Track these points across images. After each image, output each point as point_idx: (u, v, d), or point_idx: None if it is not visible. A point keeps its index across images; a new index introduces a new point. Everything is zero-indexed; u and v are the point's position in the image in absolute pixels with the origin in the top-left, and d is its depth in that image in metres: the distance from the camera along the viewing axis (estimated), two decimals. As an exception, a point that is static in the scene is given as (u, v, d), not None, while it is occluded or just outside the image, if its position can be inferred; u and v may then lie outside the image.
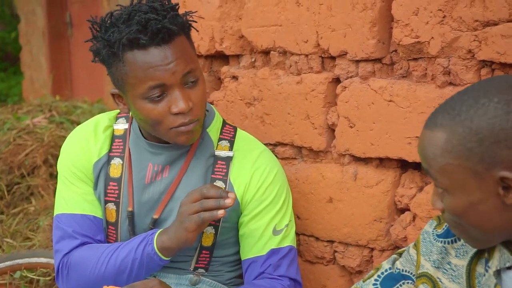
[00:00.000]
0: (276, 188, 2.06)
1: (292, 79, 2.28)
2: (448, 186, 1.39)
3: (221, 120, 2.15)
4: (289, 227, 2.08)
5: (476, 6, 1.82)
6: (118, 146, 2.09)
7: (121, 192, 2.05)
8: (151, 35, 1.88)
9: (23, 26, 8.67)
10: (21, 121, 4.53)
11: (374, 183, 2.11)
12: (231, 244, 2.09)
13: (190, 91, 1.94)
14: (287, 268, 2.05)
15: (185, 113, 1.92)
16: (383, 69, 2.09)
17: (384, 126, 2.05)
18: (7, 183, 4.03)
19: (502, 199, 1.34)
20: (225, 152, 2.07)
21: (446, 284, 1.55)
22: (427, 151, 1.41)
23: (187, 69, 1.91)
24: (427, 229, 1.62)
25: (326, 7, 2.15)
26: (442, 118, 1.39)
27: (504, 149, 1.32)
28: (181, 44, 1.93)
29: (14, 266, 2.62)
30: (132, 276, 1.96)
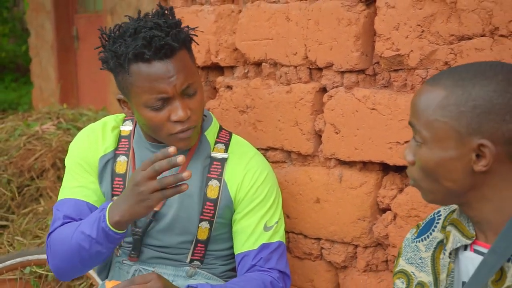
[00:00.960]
0: (266, 188, 2.07)
1: (282, 89, 2.28)
2: (429, 140, 1.39)
3: (218, 125, 2.16)
4: (279, 224, 2.09)
5: (452, 22, 1.83)
6: (124, 145, 2.10)
7: (126, 186, 2.03)
8: (155, 50, 1.88)
9: (33, 39, 8.65)
10: (31, 127, 4.52)
11: (358, 185, 2.11)
12: (225, 239, 2.10)
13: (189, 100, 1.95)
14: (277, 261, 2.06)
15: (184, 121, 1.93)
16: (366, 80, 2.09)
17: (367, 132, 2.05)
18: (18, 185, 4.02)
19: (472, 165, 1.36)
20: (220, 154, 2.08)
21: (417, 275, 1.56)
22: (421, 102, 1.41)
23: (186, 83, 1.93)
24: (408, 236, 1.63)
25: (314, 22, 2.15)
26: (446, 79, 1.39)
27: (491, 121, 1.33)
28: (182, 58, 1.94)
29: (24, 262, 2.61)
30: (93, 251, 1.90)
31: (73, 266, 1.98)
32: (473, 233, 1.46)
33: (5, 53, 11.28)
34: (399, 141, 1.96)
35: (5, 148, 4.24)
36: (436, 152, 1.39)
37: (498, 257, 1.34)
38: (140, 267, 2.07)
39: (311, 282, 2.30)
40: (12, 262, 2.60)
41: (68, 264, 1.98)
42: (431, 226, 1.57)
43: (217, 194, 2.04)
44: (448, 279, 1.48)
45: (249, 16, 2.34)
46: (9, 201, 3.94)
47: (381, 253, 2.12)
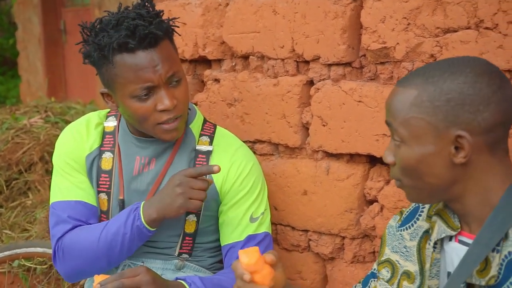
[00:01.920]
0: (252, 179, 2.07)
1: (270, 82, 2.27)
2: (407, 138, 1.41)
3: (202, 117, 2.16)
4: (265, 215, 2.09)
5: (438, 15, 1.83)
6: (108, 141, 2.09)
7: (112, 183, 2.05)
8: (139, 39, 1.89)
9: (20, 33, 8.60)
10: (19, 121, 4.49)
11: (345, 177, 2.11)
12: (212, 232, 2.10)
13: (174, 90, 1.95)
14: (263, 252, 2.05)
15: (170, 110, 1.93)
16: (353, 72, 2.09)
17: (354, 124, 2.05)
18: (6, 178, 4.00)
19: (451, 158, 1.38)
20: (205, 146, 2.08)
21: (402, 264, 1.57)
22: (395, 103, 1.43)
23: (171, 71, 1.93)
24: (391, 223, 1.65)
25: (301, 15, 2.15)
26: (415, 79, 1.42)
27: (466, 112, 1.36)
28: (166, 47, 1.95)
29: (12, 256, 2.60)
30: (124, 249, 1.96)
31: (93, 268, 2.00)
32: (458, 225, 1.47)
33: (-7, 46, 11.20)
34: (386, 133, 1.96)
35: (-7, 141, 4.21)
36: (416, 149, 1.40)
37: (482, 247, 1.35)
38: (129, 262, 2.06)
39: (299, 273, 2.30)
40: (0, 256, 2.59)
41: (91, 267, 2.00)
42: (415, 215, 1.58)
43: None
44: (434, 269, 1.49)
45: (236, 9, 2.34)
46: (-3, 194, 3.92)
47: (368, 244, 2.12)
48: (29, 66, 8.49)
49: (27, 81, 8.51)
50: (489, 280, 1.33)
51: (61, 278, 3.13)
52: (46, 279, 3.12)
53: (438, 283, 1.49)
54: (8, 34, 10.89)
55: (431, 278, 1.49)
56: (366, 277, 1.71)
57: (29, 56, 8.47)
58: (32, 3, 8.24)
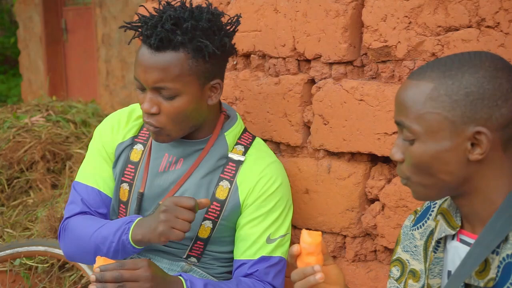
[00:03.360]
0: (276, 198, 2.02)
1: (271, 80, 2.27)
2: (421, 134, 1.36)
3: (242, 127, 2.11)
4: (285, 239, 2.04)
5: (439, 13, 1.83)
6: (144, 134, 2.09)
7: (136, 175, 2.05)
8: (145, 35, 1.88)
9: (22, 32, 8.61)
10: (20, 120, 4.49)
11: (346, 176, 2.11)
12: (227, 243, 2.06)
13: (163, 100, 1.89)
14: (274, 277, 2.02)
15: (149, 114, 1.90)
16: (354, 71, 2.09)
17: (356, 123, 2.05)
18: (8, 177, 4.00)
19: (467, 155, 1.34)
20: (238, 155, 2.03)
21: (411, 262, 1.57)
22: (408, 98, 1.37)
23: (161, 84, 1.87)
24: (406, 223, 1.62)
25: (302, 14, 2.15)
26: (431, 72, 1.37)
27: (485, 107, 1.32)
28: (171, 60, 1.86)
29: (14, 254, 2.60)
30: (109, 255, 1.95)
31: (85, 259, 2.05)
32: (458, 223, 1.46)
33: (-6, 45, 11.22)
34: (387, 132, 1.96)
35: (-6, 140, 4.22)
36: (430, 145, 1.36)
37: (483, 249, 1.34)
38: (136, 255, 2.04)
39: (300, 272, 2.30)
40: (2, 254, 2.59)
41: (82, 255, 2.05)
42: (426, 214, 1.57)
43: (226, 195, 1.99)
44: (437, 268, 1.48)
45: (238, 8, 2.34)
46: (-1, 193, 3.93)
47: (370, 243, 2.12)
48: (30, 65, 8.50)
49: (28, 80, 8.52)
50: (488, 282, 1.32)
51: (62, 277, 3.13)
52: (48, 278, 3.13)
53: (441, 282, 1.48)
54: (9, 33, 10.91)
55: (433, 277, 1.49)
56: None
57: (30, 55, 8.47)
58: (33, 2, 8.24)
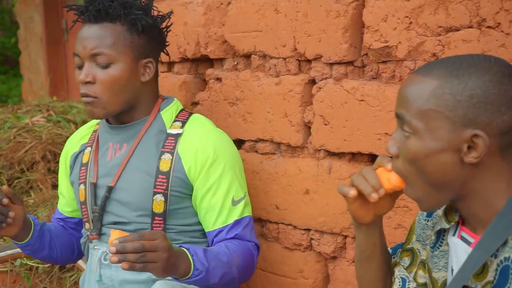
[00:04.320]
0: (222, 162, 2.07)
1: (271, 81, 2.27)
2: (420, 129, 1.35)
3: (179, 107, 2.19)
4: (246, 198, 2.11)
5: (440, 14, 1.83)
6: (92, 137, 2.22)
7: (88, 172, 2.15)
8: (82, 10, 2.05)
9: (22, 32, 8.60)
10: (21, 120, 4.49)
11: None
12: (186, 215, 2.10)
13: (98, 70, 2.03)
14: (250, 234, 2.10)
15: (85, 85, 2.04)
16: (355, 71, 2.09)
17: (356, 123, 2.05)
18: (8, 177, 4.00)
19: (462, 156, 1.33)
20: (176, 129, 2.11)
21: (421, 253, 1.56)
22: (412, 92, 1.36)
23: (96, 50, 2.03)
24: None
25: (303, 14, 2.15)
26: (438, 69, 1.35)
27: (487, 112, 1.31)
28: (107, 30, 2.04)
29: (14, 255, 2.60)
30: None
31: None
32: (455, 218, 1.46)
33: (-6, 45, 11.21)
34: (388, 132, 1.96)
35: (-5, 140, 4.22)
36: (427, 142, 1.35)
37: (483, 252, 1.33)
38: (107, 249, 2.07)
39: (300, 272, 2.30)
40: (3, 255, 2.59)
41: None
42: None
43: (169, 166, 2.06)
44: (442, 261, 1.47)
45: (238, 8, 2.34)
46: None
47: (370, 243, 2.12)
48: (31, 65, 8.49)
49: (29, 80, 8.51)
50: (485, 285, 1.32)
51: (63, 277, 3.13)
52: (48, 278, 3.13)
53: (446, 275, 1.47)
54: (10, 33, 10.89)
55: (438, 270, 1.48)
56: (397, 245, 1.67)
57: (31, 55, 8.46)
58: (34, 2, 8.23)
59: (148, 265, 1.75)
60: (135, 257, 1.72)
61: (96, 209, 2.10)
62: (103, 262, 2.09)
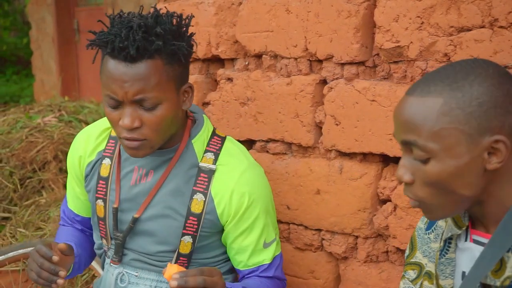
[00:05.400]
0: (257, 207, 1.98)
1: (283, 81, 2.27)
2: (437, 152, 1.32)
3: (211, 130, 2.04)
4: (277, 238, 2.05)
5: (452, 13, 1.82)
6: (110, 147, 2.06)
7: (108, 190, 2.02)
8: (117, 49, 1.79)
9: (34, 32, 8.64)
10: (33, 120, 4.52)
11: (358, 176, 2.11)
12: (212, 248, 2.03)
13: (143, 112, 1.83)
14: (281, 273, 2.07)
15: (131, 130, 1.83)
16: (366, 71, 2.09)
17: (367, 123, 2.05)
18: (20, 177, 4.02)
19: (484, 165, 1.31)
20: (208, 165, 1.97)
21: (428, 265, 1.56)
22: (417, 116, 1.32)
23: (141, 95, 1.80)
24: (420, 225, 1.61)
25: (314, 14, 2.15)
26: (435, 86, 1.32)
27: (498, 115, 1.29)
28: (149, 68, 1.79)
29: (26, 254, 2.61)
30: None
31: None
32: (466, 223, 1.45)
33: (6, 46, 11.27)
34: (399, 132, 1.96)
35: (7, 140, 4.24)
36: (448, 162, 1.31)
37: (497, 248, 1.33)
38: (124, 270, 2.03)
39: (312, 273, 2.30)
40: (15, 254, 2.60)
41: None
42: None
43: (201, 208, 1.95)
44: (448, 268, 1.48)
45: (250, 8, 2.34)
46: (12, 193, 3.95)
47: (382, 244, 2.12)
48: (42, 66, 8.53)
49: (41, 80, 8.55)
50: (504, 280, 1.32)
51: (75, 277, 3.14)
52: (60, 277, 3.13)
53: (453, 283, 1.48)
54: (22, 34, 10.96)
55: (445, 277, 1.48)
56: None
57: (43, 55, 8.50)
58: (45, 3, 8.27)
59: None
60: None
61: (119, 236, 2.00)
62: (119, 284, 2.03)
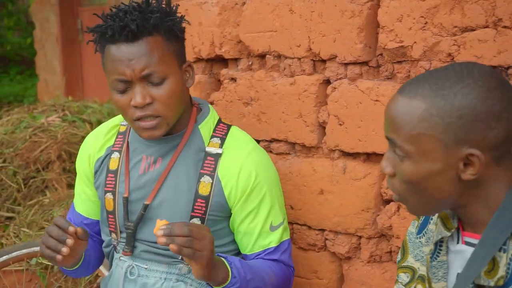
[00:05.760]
0: (263, 188, 2.01)
1: (286, 81, 2.27)
2: (413, 154, 1.34)
3: (216, 119, 2.10)
4: (285, 222, 2.06)
5: (455, 13, 1.82)
6: (119, 141, 2.11)
7: (117, 182, 2.06)
8: (117, 31, 1.87)
9: (38, 32, 8.65)
10: (37, 120, 4.52)
11: (361, 176, 2.11)
12: (220, 236, 2.04)
13: (153, 88, 1.90)
14: (288, 259, 2.07)
15: (143, 107, 1.90)
16: (369, 71, 2.08)
17: (371, 123, 2.05)
18: (24, 177, 4.03)
19: (459, 174, 1.33)
20: (215, 149, 2.02)
21: (421, 269, 1.56)
22: (399, 117, 1.35)
23: (148, 70, 1.88)
24: (411, 229, 1.62)
25: (317, 14, 2.14)
26: (422, 89, 1.33)
27: (478, 129, 1.30)
28: (151, 44, 1.89)
29: (30, 254, 2.62)
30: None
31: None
32: (454, 225, 1.45)
33: (10, 46, 11.28)
34: (403, 132, 1.96)
35: (11, 140, 4.25)
36: (422, 165, 1.34)
37: (489, 248, 1.33)
38: (133, 263, 2.05)
39: (315, 273, 2.30)
40: (19, 254, 2.61)
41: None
42: (428, 219, 1.56)
43: (209, 190, 1.98)
44: (440, 271, 1.47)
45: (253, 8, 2.34)
46: (15, 192, 3.95)
47: (385, 244, 2.12)
48: (46, 65, 8.53)
49: (45, 80, 8.56)
50: (498, 280, 1.32)
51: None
52: (64, 277, 3.14)
53: (446, 285, 1.47)
54: (26, 34, 10.96)
55: (437, 280, 1.48)
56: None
57: (47, 55, 8.50)
58: (49, 3, 8.27)
59: (196, 252, 1.71)
60: (182, 241, 1.70)
61: (130, 225, 2.02)
62: (128, 276, 2.04)
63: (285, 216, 2.09)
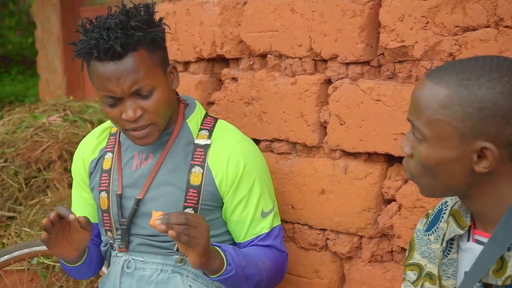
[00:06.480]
0: (252, 175, 2.06)
1: (287, 80, 2.27)
2: (429, 138, 1.36)
3: (203, 113, 2.16)
4: (275, 208, 2.11)
5: (457, 13, 1.82)
6: (111, 142, 2.17)
7: (111, 180, 2.11)
8: (103, 51, 1.90)
9: (39, 32, 8.65)
10: (38, 119, 4.52)
11: (363, 176, 2.11)
12: (214, 226, 2.07)
13: (142, 101, 1.95)
14: (280, 244, 2.11)
15: (135, 120, 1.95)
16: (371, 71, 2.08)
17: (372, 123, 2.05)
18: (25, 176, 4.03)
19: (472, 165, 1.34)
20: (203, 140, 2.08)
21: (428, 266, 1.56)
22: (422, 100, 1.37)
23: (136, 86, 1.92)
24: (419, 227, 1.62)
25: (319, 14, 2.14)
26: (449, 77, 1.34)
27: (496, 124, 1.30)
28: (136, 60, 1.92)
29: (31, 253, 2.62)
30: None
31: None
32: (468, 223, 1.46)
33: (12, 45, 11.29)
34: (404, 132, 1.96)
35: (12, 140, 4.24)
36: (437, 150, 1.36)
37: (497, 246, 1.33)
38: (130, 257, 2.08)
39: (316, 272, 2.30)
40: (20, 253, 2.61)
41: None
42: (439, 217, 1.56)
43: (200, 180, 2.03)
44: (450, 269, 1.48)
45: (254, 8, 2.34)
46: (17, 192, 3.95)
47: (386, 243, 2.12)
48: (47, 65, 8.53)
49: (46, 80, 8.56)
50: (506, 280, 1.32)
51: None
52: (65, 277, 3.14)
53: (455, 283, 1.47)
54: (27, 33, 10.96)
55: (447, 278, 1.48)
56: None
57: (48, 55, 8.51)
58: (51, 2, 8.28)
59: (192, 239, 1.75)
60: (179, 229, 1.73)
61: (124, 221, 2.07)
62: (125, 270, 2.08)
63: (275, 202, 2.14)
